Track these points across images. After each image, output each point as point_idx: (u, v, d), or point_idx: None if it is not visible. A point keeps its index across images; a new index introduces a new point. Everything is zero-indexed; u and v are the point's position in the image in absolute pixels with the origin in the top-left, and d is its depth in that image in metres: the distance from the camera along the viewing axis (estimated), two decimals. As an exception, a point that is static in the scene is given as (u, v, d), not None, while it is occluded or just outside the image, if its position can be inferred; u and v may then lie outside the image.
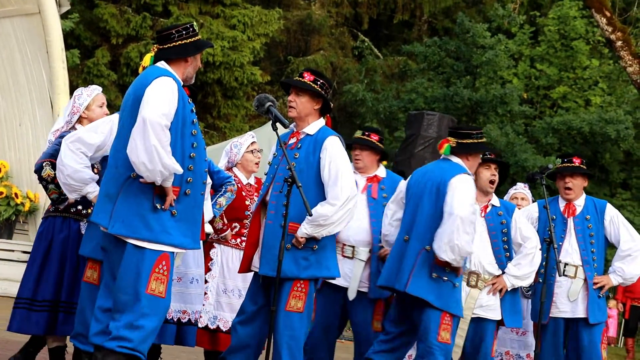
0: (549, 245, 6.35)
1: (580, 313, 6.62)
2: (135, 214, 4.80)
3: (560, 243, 6.64)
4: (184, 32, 5.08)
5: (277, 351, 5.46)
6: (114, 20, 19.40)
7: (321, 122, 5.76)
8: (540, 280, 6.53)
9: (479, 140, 6.15)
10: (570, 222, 6.70)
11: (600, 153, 21.33)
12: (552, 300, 6.60)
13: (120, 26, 19.44)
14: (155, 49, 5.10)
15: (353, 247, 6.31)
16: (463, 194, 5.84)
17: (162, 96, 4.84)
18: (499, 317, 6.36)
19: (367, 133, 6.59)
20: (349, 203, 5.47)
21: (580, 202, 6.79)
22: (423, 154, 13.16)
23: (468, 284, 6.28)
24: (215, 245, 6.81)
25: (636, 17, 20.40)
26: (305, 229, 5.45)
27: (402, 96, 22.47)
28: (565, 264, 6.60)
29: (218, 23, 19.93)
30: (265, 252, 5.52)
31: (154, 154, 4.68)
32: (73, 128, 5.89)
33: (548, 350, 6.64)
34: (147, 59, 5.11)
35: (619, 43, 16.03)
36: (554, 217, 6.69)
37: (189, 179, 4.95)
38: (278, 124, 5.55)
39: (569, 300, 6.62)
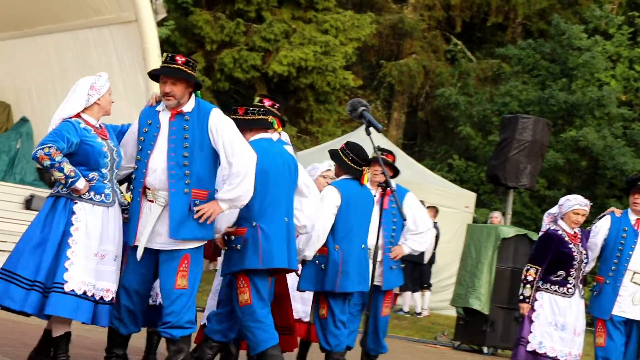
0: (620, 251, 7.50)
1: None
2: None
3: (630, 252, 7.58)
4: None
5: None
6: (208, 27, 19.69)
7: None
8: (607, 282, 7.58)
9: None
10: None
11: None
12: (615, 301, 7.56)
13: (215, 32, 19.73)
14: None
15: (370, 249, 7.11)
16: None
17: None
18: None
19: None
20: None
21: None
22: (518, 158, 12.97)
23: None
24: None
25: None
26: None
27: (496, 99, 22.21)
28: (634, 272, 7.58)
29: (310, 28, 20.03)
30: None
31: None
32: None
33: (615, 343, 7.55)
34: None
35: None
36: (626, 228, 7.63)
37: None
38: (371, 128, 5.59)
39: (632, 304, 7.54)
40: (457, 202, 16.43)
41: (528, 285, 7.33)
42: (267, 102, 6.30)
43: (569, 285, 7.35)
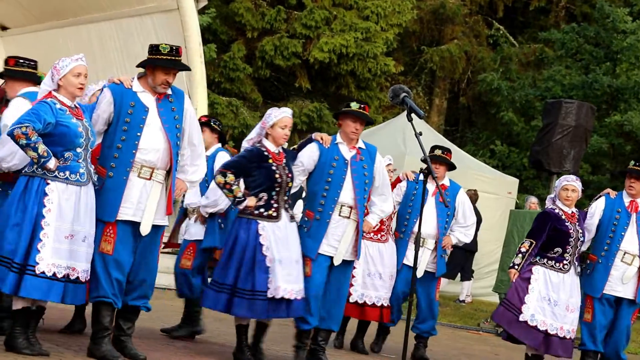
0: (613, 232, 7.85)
1: (629, 294, 7.94)
2: None
3: (623, 233, 7.90)
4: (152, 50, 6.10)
5: None
6: (249, 14, 19.72)
7: None
8: (600, 261, 7.92)
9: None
10: (634, 217, 7.94)
11: None
12: (607, 279, 7.91)
13: (255, 20, 19.76)
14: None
15: (424, 238, 8.04)
16: None
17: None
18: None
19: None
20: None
21: None
22: (561, 143, 12.88)
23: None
24: None
25: None
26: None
27: (539, 84, 22.01)
28: (625, 252, 7.90)
29: (351, 14, 20.00)
30: None
31: None
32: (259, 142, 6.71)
33: (600, 320, 7.95)
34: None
35: None
36: (619, 209, 7.94)
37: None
38: (413, 115, 5.59)
39: (621, 283, 7.88)
40: (499, 188, 16.34)
41: (519, 255, 7.75)
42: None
43: (564, 262, 7.72)
